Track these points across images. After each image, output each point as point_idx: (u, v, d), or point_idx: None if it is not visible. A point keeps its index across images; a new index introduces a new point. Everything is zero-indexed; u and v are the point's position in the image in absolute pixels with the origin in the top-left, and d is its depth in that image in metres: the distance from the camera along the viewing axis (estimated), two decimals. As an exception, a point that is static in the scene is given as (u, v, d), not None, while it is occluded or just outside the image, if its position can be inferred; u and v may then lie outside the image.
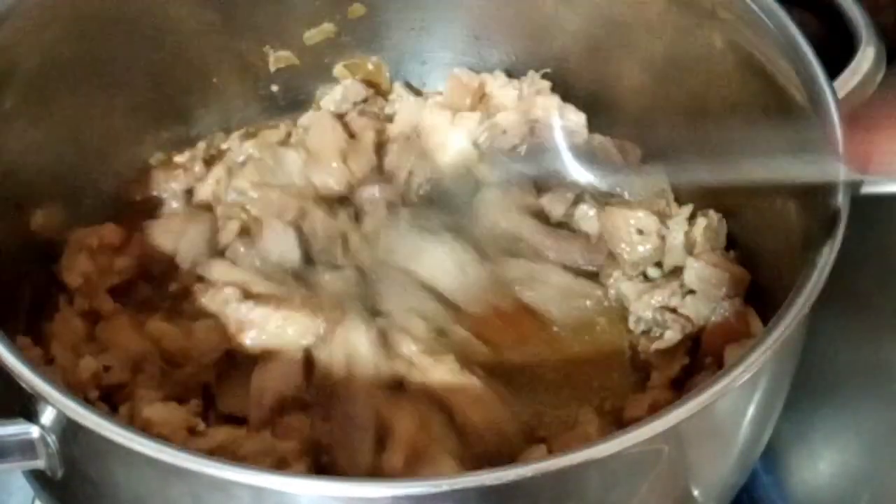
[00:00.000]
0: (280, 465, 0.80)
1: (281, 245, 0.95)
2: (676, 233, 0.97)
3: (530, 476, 0.64)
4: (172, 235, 0.97)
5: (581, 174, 1.01)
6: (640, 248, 0.97)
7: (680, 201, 1.01)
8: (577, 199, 1.00)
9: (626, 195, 1.01)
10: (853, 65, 0.89)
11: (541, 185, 1.01)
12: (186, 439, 0.80)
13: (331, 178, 1.01)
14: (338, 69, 1.10)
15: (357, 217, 0.99)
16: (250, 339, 0.88)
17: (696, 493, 0.77)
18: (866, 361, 0.90)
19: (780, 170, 0.85)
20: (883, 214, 0.94)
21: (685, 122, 1.01)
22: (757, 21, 0.89)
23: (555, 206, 1.00)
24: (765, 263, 0.93)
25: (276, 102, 1.10)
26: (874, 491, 0.87)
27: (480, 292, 0.93)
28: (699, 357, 0.90)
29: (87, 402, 0.81)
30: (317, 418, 0.84)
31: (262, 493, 0.65)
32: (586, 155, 1.02)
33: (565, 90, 1.08)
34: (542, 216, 1.00)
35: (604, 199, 1.00)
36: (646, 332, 0.93)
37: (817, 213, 0.77)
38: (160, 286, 0.95)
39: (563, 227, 1.00)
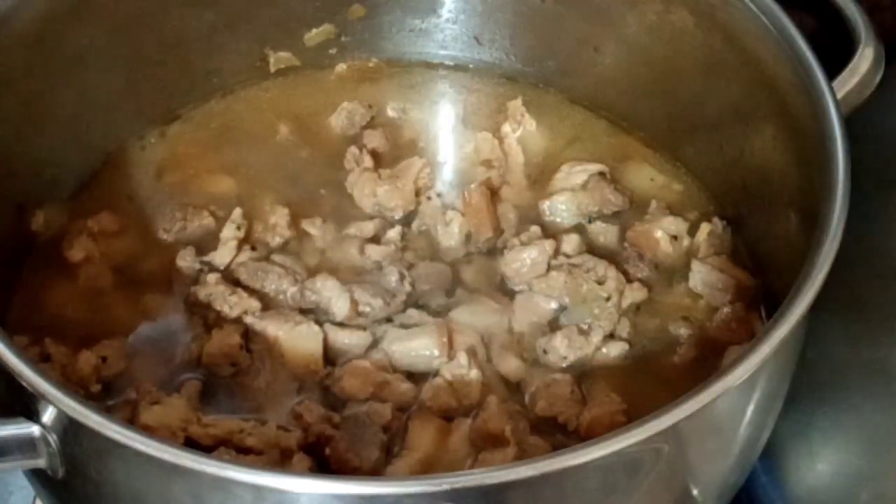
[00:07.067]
0: (284, 456, 0.81)
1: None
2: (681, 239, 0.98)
3: (530, 475, 0.64)
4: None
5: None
6: (675, 253, 0.97)
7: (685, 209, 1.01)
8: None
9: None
10: (852, 65, 0.89)
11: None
12: (192, 428, 0.81)
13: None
14: (338, 70, 1.11)
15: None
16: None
17: (695, 492, 0.77)
18: (865, 361, 0.90)
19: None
20: (882, 215, 0.94)
21: (685, 122, 1.01)
22: (756, 21, 0.89)
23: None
24: (771, 269, 0.93)
25: (276, 103, 1.11)
26: (873, 491, 0.87)
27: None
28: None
29: (89, 396, 0.83)
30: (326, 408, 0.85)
31: (263, 492, 0.65)
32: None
33: (566, 91, 1.08)
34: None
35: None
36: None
37: (817, 215, 0.77)
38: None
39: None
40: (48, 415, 0.69)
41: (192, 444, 0.80)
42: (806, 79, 0.85)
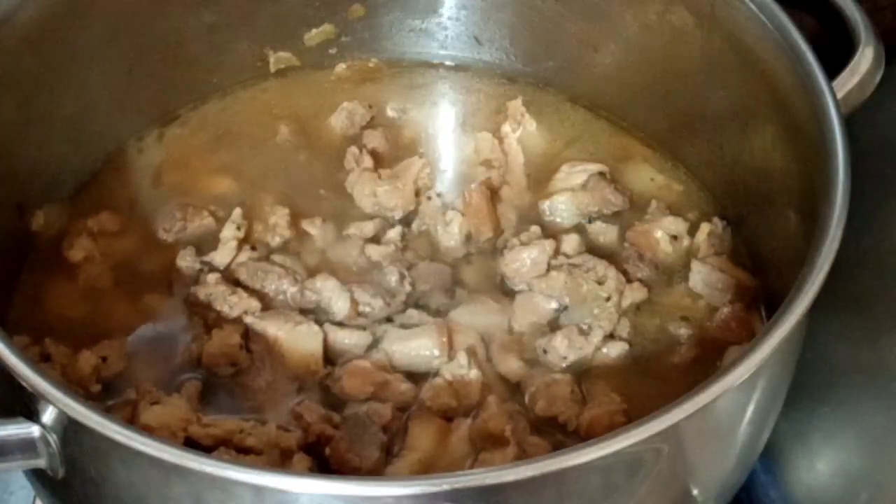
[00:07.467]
0: (284, 456, 0.81)
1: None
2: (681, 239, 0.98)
3: (530, 475, 0.64)
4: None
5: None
6: (675, 253, 0.97)
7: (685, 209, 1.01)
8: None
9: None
10: (852, 65, 0.89)
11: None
12: (192, 428, 0.81)
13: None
14: (338, 70, 1.11)
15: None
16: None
17: (695, 492, 0.77)
18: (865, 361, 0.90)
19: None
20: (882, 215, 0.94)
21: (685, 122, 1.02)
22: (756, 21, 0.89)
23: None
24: (771, 269, 0.93)
25: (276, 103, 1.11)
26: (872, 490, 0.87)
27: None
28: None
29: (89, 396, 0.83)
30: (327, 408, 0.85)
31: (263, 492, 0.65)
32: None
33: (566, 91, 1.08)
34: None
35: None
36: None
37: (817, 215, 0.77)
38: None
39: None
40: (48, 415, 0.69)
41: (192, 444, 0.80)
42: (806, 79, 0.85)
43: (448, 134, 1.09)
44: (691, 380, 0.84)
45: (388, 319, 0.93)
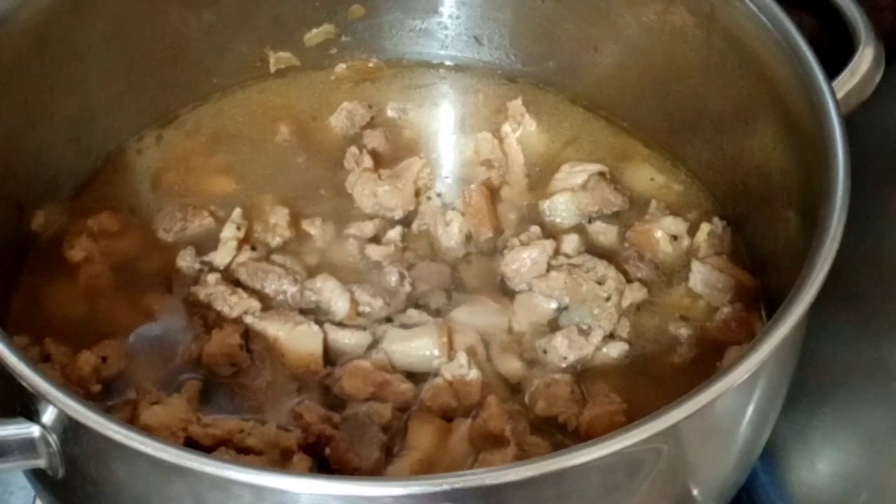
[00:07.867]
0: (284, 456, 0.81)
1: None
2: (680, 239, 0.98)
3: (530, 475, 0.64)
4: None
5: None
6: (675, 253, 0.97)
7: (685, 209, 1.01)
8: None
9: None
10: (852, 65, 0.89)
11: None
12: (192, 428, 0.81)
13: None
14: (338, 70, 1.11)
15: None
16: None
17: (695, 492, 0.77)
18: (865, 361, 0.90)
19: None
20: (882, 215, 0.94)
21: (685, 122, 1.02)
22: (756, 21, 0.90)
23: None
24: (771, 269, 0.94)
25: (277, 103, 1.11)
26: (872, 490, 0.87)
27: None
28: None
29: (89, 396, 0.83)
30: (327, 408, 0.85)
31: (263, 492, 0.65)
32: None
33: (566, 91, 1.08)
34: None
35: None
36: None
37: (817, 215, 0.77)
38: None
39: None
40: (48, 415, 0.69)
41: (192, 444, 0.80)
42: (806, 79, 0.85)
43: (448, 134, 1.09)
44: (691, 380, 0.84)
45: (388, 319, 0.93)
